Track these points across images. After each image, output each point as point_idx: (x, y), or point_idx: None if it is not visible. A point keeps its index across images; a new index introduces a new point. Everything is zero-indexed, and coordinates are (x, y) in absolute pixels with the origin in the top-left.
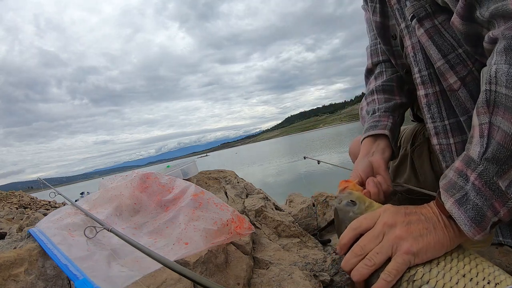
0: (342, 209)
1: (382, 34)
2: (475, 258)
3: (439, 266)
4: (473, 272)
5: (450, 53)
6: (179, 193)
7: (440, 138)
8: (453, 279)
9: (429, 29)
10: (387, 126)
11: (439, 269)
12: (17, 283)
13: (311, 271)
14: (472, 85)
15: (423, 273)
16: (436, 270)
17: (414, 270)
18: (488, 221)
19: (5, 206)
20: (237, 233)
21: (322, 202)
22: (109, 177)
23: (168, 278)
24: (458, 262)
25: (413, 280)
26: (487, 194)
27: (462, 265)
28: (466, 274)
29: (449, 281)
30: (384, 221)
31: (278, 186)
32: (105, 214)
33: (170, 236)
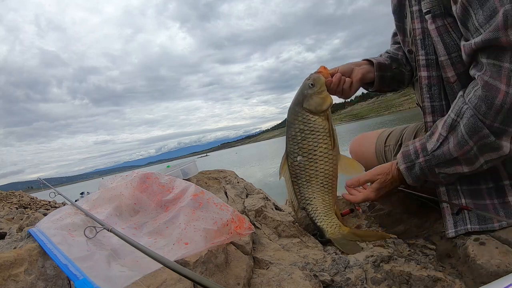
0: (304, 83)
1: (398, 11)
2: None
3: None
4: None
5: (454, 52)
6: (179, 193)
7: (436, 116)
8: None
9: (440, 27)
10: (379, 60)
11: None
12: (17, 283)
13: (311, 271)
14: (465, 81)
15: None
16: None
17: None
18: (420, 181)
19: (5, 206)
20: (237, 233)
21: None
22: (109, 177)
23: (168, 278)
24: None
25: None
26: (426, 171)
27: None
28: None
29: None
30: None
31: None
32: (105, 214)
33: (170, 236)
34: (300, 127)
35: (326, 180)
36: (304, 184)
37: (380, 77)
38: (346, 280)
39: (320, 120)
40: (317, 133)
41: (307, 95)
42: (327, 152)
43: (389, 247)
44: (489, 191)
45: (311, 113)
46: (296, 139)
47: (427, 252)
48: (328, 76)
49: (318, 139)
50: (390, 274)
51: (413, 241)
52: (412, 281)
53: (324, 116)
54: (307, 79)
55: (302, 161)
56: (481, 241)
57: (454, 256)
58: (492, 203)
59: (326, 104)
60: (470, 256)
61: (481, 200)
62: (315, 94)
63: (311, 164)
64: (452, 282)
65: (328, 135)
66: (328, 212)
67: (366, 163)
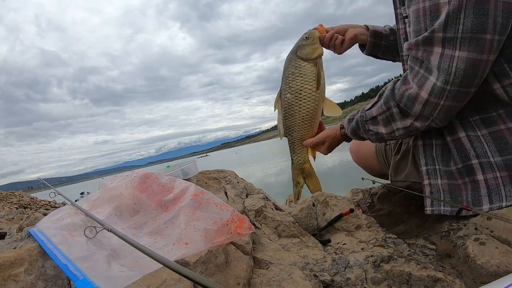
0: (302, 37)
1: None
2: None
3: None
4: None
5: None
6: (179, 193)
7: None
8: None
9: (403, 29)
10: (376, 28)
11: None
12: (17, 283)
13: (311, 271)
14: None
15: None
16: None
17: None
18: (356, 135)
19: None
20: (237, 233)
21: (322, 202)
22: (109, 177)
23: (168, 278)
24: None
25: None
26: (359, 125)
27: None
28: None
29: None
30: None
31: (278, 186)
32: (105, 214)
33: (170, 236)
34: (292, 71)
35: (308, 115)
36: (289, 117)
37: (373, 43)
38: (346, 280)
39: (309, 66)
40: (305, 76)
41: (301, 45)
42: (311, 93)
43: (389, 247)
44: (459, 171)
45: (303, 60)
46: (288, 79)
47: (427, 252)
48: (324, 32)
49: (305, 81)
50: (390, 274)
51: (413, 241)
52: (412, 281)
53: (314, 64)
54: (305, 33)
55: (291, 98)
56: (481, 241)
57: (454, 256)
58: (463, 183)
59: (316, 54)
60: (470, 256)
61: (453, 180)
62: (308, 45)
63: (297, 101)
64: (452, 282)
65: (314, 80)
66: (302, 146)
67: (367, 163)
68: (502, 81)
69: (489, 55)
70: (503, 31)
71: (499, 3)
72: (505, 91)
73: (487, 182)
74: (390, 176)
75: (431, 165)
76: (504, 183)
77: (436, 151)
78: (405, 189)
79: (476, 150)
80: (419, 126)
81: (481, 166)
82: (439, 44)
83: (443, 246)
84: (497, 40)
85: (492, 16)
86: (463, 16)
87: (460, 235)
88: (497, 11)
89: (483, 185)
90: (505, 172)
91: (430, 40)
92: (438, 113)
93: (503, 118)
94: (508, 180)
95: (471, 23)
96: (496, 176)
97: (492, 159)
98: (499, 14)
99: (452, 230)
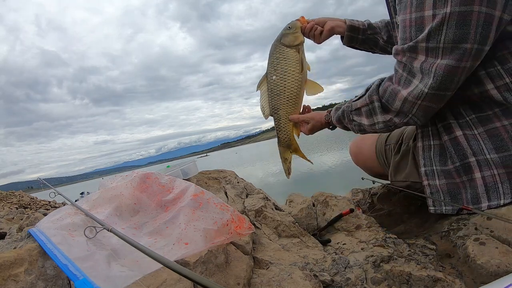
0: (285, 27)
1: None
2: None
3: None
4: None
5: None
6: (179, 193)
7: None
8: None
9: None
10: (353, 23)
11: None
12: (17, 283)
13: (311, 271)
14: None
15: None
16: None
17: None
18: (341, 123)
19: (5, 206)
20: (237, 233)
21: (322, 202)
22: (109, 177)
23: (168, 278)
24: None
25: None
26: (344, 115)
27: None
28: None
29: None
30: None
31: (278, 186)
32: (105, 214)
33: (170, 236)
34: (277, 56)
35: (291, 95)
36: (275, 97)
37: (350, 36)
38: (346, 280)
39: (292, 52)
40: (289, 60)
41: (284, 34)
42: (295, 75)
43: (389, 247)
44: (457, 170)
45: (286, 46)
46: (273, 63)
47: (427, 252)
48: (305, 23)
49: (289, 64)
50: (390, 274)
51: (413, 241)
52: (412, 281)
53: (296, 50)
54: (288, 24)
55: (276, 80)
56: (481, 241)
57: (454, 256)
58: (461, 181)
59: (297, 41)
60: (470, 256)
61: (451, 179)
62: (291, 33)
63: (282, 82)
64: (452, 282)
65: (297, 63)
66: (288, 123)
67: (367, 163)
68: (495, 82)
69: (467, 62)
70: (482, 41)
71: (481, 14)
72: (499, 91)
73: (485, 179)
74: (390, 176)
75: (429, 166)
76: (502, 180)
77: (434, 152)
78: (405, 189)
79: (472, 148)
80: (397, 122)
81: (478, 164)
82: (423, 52)
83: (443, 246)
84: (476, 48)
85: (473, 27)
86: (446, 28)
87: (460, 235)
88: (478, 22)
89: (481, 183)
90: (502, 169)
91: (415, 48)
92: (417, 111)
93: (499, 116)
94: (506, 177)
95: (452, 34)
96: (493, 174)
97: (489, 156)
98: (480, 25)
99: (452, 230)
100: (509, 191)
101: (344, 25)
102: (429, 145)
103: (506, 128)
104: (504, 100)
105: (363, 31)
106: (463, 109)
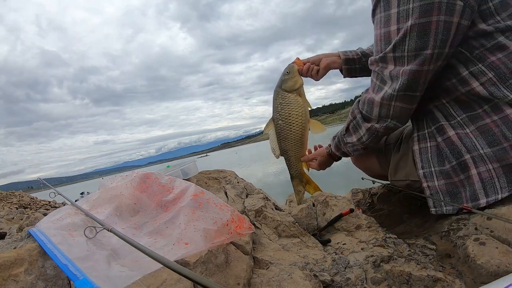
0: (283, 72)
1: None
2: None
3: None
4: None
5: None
6: (179, 193)
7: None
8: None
9: None
10: (347, 56)
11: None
12: (17, 283)
13: (311, 271)
14: None
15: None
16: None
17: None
18: (340, 150)
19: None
20: (237, 233)
21: (322, 202)
22: (109, 177)
23: (168, 278)
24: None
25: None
26: (340, 141)
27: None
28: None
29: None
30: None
31: (278, 186)
32: (105, 214)
33: (170, 236)
34: (280, 101)
35: (297, 137)
36: (282, 141)
37: (347, 68)
38: (346, 280)
39: (293, 96)
40: (291, 105)
41: (284, 80)
42: (298, 119)
43: (389, 247)
44: (454, 169)
45: (287, 92)
46: (277, 109)
47: (427, 252)
48: (301, 65)
49: (292, 109)
50: (390, 274)
51: (413, 241)
52: (412, 281)
53: (297, 93)
54: (285, 69)
55: (282, 124)
56: (481, 241)
57: (454, 256)
58: (459, 180)
59: (297, 85)
60: (470, 256)
61: (450, 179)
62: (289, 79)
63: (287, 126)
64: (452, 282)
65: (300, 107)
66: (297, 161)
67: (366, 163)
68: (479, 79)
69: (429, 66)
70: (442, 45)
71: (440, 22)
72: (484, 87)
73: (481, 175)
74: (390, 175)
75: (427, 167)
76: (498, 175)
77: (431, 153)
78: (405, 189)
79: (466, 145)
80: (378, 127)
81: (473, 160)
82: (391, 61)
83: (443, 246)
84: (437, 53)
85: (433, 35)
86: (408, 39)
87: (460, 235)
88: (438, 29)
89: (477, 179)
90: (497, 163)
91: (384, 59)
92: (393, 113)
93: (488, 113)
94: (501, 171)
95: (414, 44)
96: (488, 169)
97: (483, 151)
98: (440, 32)
99: (452, 230)
100: (506, 185)
101: (339, 60)
102: (425, 147)
103: (496, 123)
104: (491, 95)
105: (358, 60)
106: (453, 110)
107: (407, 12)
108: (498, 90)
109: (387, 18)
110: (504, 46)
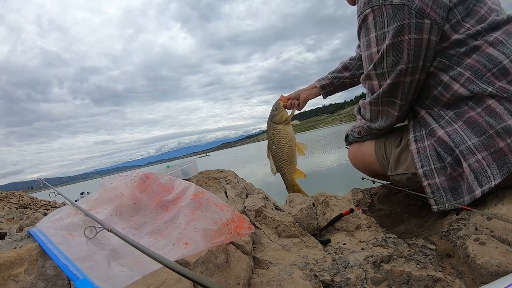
0: (272, 108)
1: None
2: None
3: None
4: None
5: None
6: (179, 193)
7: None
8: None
9: None
10: (322, 83)
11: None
12: (17, 283)
13: (311, 271)
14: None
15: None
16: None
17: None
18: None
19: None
20: (237, 233)
21: (322, 202)
22: (109, 177)
23: (168, 278)
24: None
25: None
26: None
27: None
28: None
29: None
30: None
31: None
32: (105, 214)
33: (170, 236)
34: (272, 132)
35: (288, 157)
36: (277, 161)
37: (325, 92)
38: (346, 280)
39: (282, 127)
40: (281, 134)
41: (273, 114)
42: (287, 144)
43: (389, 247)
44: (451, 165)
45: (276, 124)
46: (271, 137)
47: (427, 252)
48: (285, 101)
49: (281, 137)
50: (390, 274)
51: (413, 241)
52: (412, 281)
53: (284, 124)
54: (273, 105)
55: (275, 149)
56: (481, 241)
57: (454, 256)
58: (458, 174)
59: (283, 119)
60: (470, 256)
61: (449, 174)
62: (277, 114)
63: (279, 150)
64: (452, 282)
65: (287, 135)
66: (290, 175)
67: (365, 162)
68: (459, 80)
69: (405, 77)
70: (415, 60)
71: (411, 41)
72: (464, 87)
73: (471, 166)
74: (390, 169)
75: (427, 166)
76: (488, 163)
77: (430, 151)
78: (405, 189)
79: (455, 141)
80: (373, 127)
81: (462, 154)
82: (375, 78)
83: (443, 246)
84: (411, 67)
85: (406, 52)
86: (385, 57)
87: (460, 235)
88: (409, 46)
89: (469, 171)
90: (485, 152)
91: (369, 76)
92: (382, 115)
93: (473, 107)
94: (491, 159)
95: (391, 61)
96: (478, 159)
97: (470, 142)
98: (412, 48)
99: (452, 230)
100: (498, 171)
101: (316, 89)
102: (424, 146)
103: (480, 114)
104: (471, 93)
105: (331, 84)
106: (442, 111)
107: (383, 35)
108: (477, 87)
109: (368, 42)
110: (477, 47)
